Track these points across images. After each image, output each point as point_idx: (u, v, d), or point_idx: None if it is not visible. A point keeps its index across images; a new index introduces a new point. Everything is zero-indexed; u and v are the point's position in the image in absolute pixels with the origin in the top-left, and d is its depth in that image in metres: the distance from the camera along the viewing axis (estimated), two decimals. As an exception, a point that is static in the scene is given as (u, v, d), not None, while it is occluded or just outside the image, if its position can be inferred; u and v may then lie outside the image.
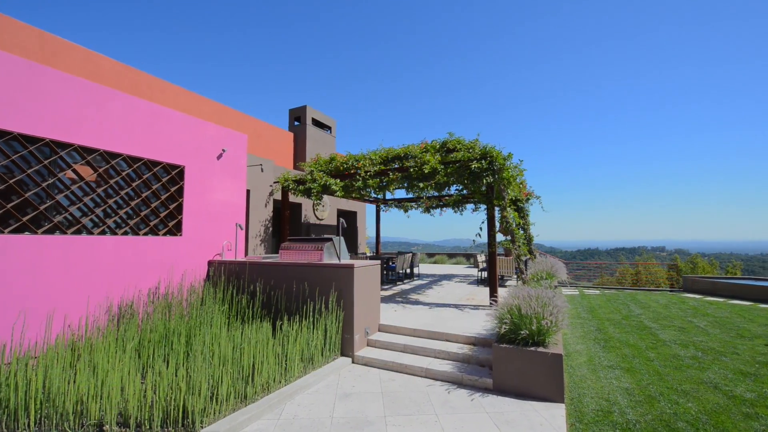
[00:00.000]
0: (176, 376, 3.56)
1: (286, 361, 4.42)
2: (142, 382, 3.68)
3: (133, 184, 5.64)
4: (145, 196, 5.78)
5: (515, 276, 11.46)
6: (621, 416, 3.59)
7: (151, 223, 5.84)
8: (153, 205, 5.88)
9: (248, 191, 9.67)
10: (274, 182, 10.53)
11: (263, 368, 4.05)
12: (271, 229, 10.48)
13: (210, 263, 6.67)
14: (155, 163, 5.96)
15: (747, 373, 4.60)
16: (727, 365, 4.88)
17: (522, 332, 4.17)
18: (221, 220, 6.99)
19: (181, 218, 6.26)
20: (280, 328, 4.90)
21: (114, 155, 5.41)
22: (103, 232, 5.25)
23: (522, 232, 10.85)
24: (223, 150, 7.08)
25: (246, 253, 9.38)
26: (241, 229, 7.27)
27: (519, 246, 7.88)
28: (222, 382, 3.61)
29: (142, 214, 5.73)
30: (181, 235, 6.23)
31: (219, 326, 4.80)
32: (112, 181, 5.38)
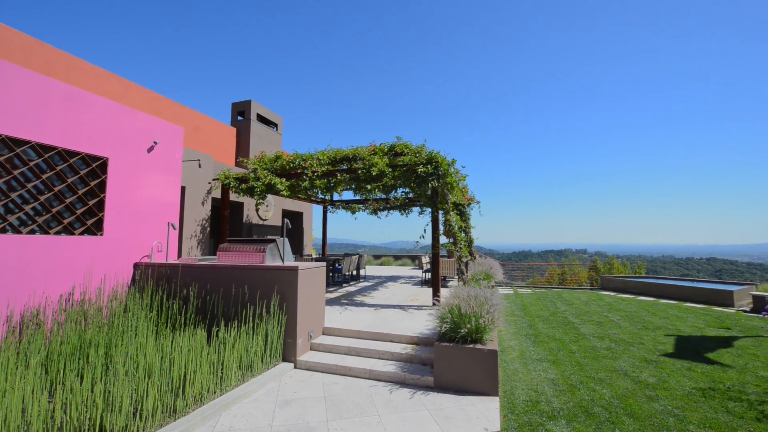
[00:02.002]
0: (92, 392, 3.19)
1: (222, 369, 4.17)
2: (49, 401, 3.25)
3: (44, 176, 4.98)
4: (58, 190, 5.13)
5: (457, 276, 11.97)
6: (547, 405, 3.90)
7: (65, 221, 5.19)
8: (68, 201, 5.23)
9: (183, 188, 9.01)
10: (213, 179, 9.92)
11: (196, 378, 3.78)
12: (208, 229, 9.85)
13: (136, 266, 6.08)
14: (72, 153, 5.31)
15: (650, 360, 5.24)
16: (635, 354, 5.52)
17: (461, 330, 4.36)
18: (151, 219, 6.42)
19: (103, 216, 5.65)
20: (216, 335, 4.62)
21: (20, 142, 4.73)
22: (3, 230, 4.56)
23: (463, 234, 11.36)
24: (155, 142, 6.52)
25: (179, 255, 8.72)
26: (174, 228, 6.74)
27: (460, 248, 8.24)
28: (147, 395, 3.31)
29: (54, 210, 5.07)
30: (101, 234, 5.61)
31: (145, 335, 4.40)
32: (16, 172, 4.70)
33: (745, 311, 8.63)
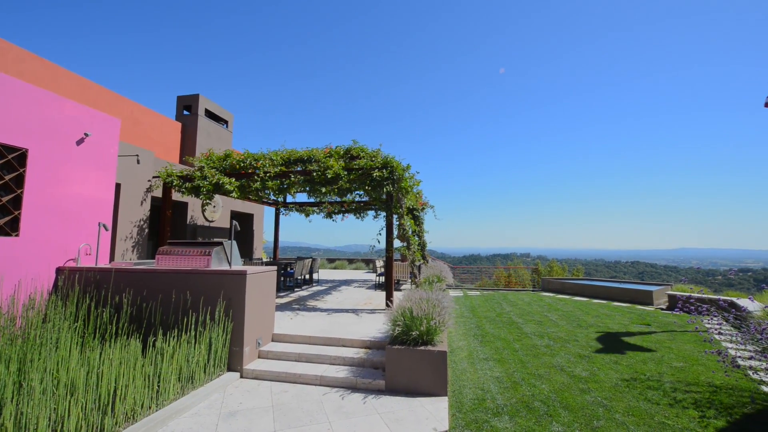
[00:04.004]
0: (0, 414, 2.80)
1: (159, 382, 3.86)
2: (-58, 429, 2.80)
3: (-57, 168, 4.32)
4: (-39, 184, 4.47)
5: (410, 280, 12.17)
6: (492, 402, 4.08)
7: (-30, 220, 4.54)
8: (-26, 197, 4.59)
9: (118, 185, 8.28)
10: (154, 177, 9.22)
11: (128, 393, 3.46)
12: (147, 230, 9.12)
13: (60, 271, 5.47)
14: (-19, 143, 4.67)
15: (583, 356, 5.69)
16: (570, 350, 5.96)
17: (413, 333, 4.43)
18: (79, 219, 5.82)
19: (20, 214, 5.02)
20: (153, 345, 4.28)
21: None
22: None
23: (417, 238, 11.59)
24: (86, 134, 5.93)
25: (112, 259, 7.99)
26: (107, 229, 6.16)
27: (414, 252, 8.39)
28: (69, 414, 2.97)
29: (-44, 207, 4.42)
30: (17, 235, 4.98)
31: (68, 347, 3.95)
32: None
33: (662, 309, 9.68)
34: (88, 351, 3.94)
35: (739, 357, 4.41)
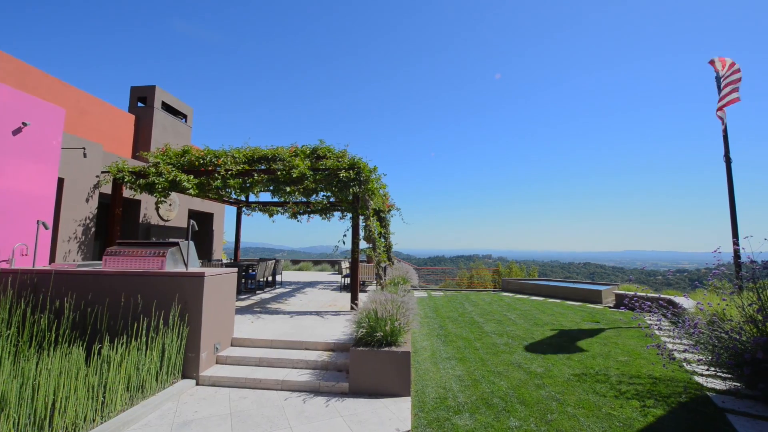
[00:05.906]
0: None
1: (104, 392, 3.59)
2: None
3: None
4: None
5: (375, 281, 12.20)
6: (454, 400, 4.17)
7: None
8: None
9: (61, 180, 7.64)
10: (103, 172, 8.60)
11: (69, 405, 3.19)
12: (93, 230, 8.49)
13: (-11, 273, 4.95)
14: None
15: (539, 352, 5.96)
16: (527, 348, 6.22)
17: (377, 334, 4.44)
18: (14, 216, 5.30)
19: (-60, 210, 4.49)
20: (99, 353, 3.98)
21: None
22: None
23: (383, 240, 11.65)
24: (24, 123, 5.42)
25: (52, 260, 7.36)
26: (47, 228, 5.66)
27: (379, 253, 8.42)
28: (-2, 432, 2.69)
29: None
30: (-63, 233, 4.45)
31: (-2, 357, 3.59)
32: None
33: (609, 307, 10.36)
34: (23, 361, 3.60)
35: (675, 350, 4.81)
